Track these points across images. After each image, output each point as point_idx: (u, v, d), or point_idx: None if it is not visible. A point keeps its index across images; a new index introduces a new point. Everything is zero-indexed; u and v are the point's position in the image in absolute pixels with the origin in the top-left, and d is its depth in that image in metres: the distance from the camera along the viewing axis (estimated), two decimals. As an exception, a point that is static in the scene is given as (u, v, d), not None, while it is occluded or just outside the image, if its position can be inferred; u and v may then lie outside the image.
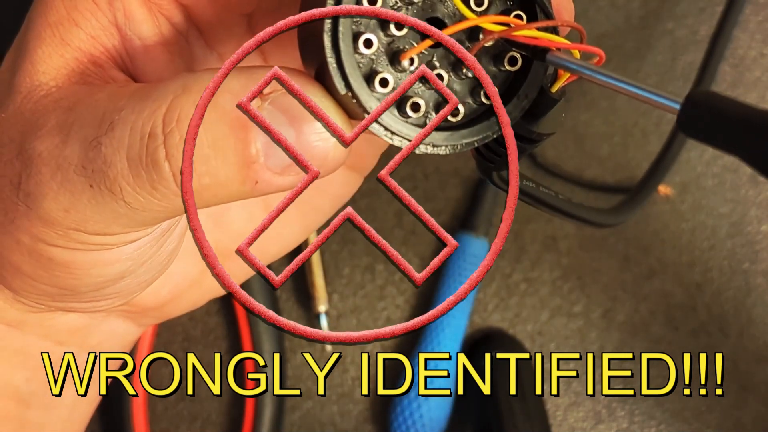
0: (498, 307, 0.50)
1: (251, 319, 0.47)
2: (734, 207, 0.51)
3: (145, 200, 0.24)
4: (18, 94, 0.26)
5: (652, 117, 0.52)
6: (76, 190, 0.24)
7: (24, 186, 0.25)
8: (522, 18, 0.23)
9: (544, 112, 0.23)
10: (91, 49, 0.26)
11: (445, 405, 0.47)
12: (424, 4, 0.23)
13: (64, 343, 0.33)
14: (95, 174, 0.24)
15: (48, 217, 0.25)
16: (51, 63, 0.26)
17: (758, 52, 0.52)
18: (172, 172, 0.23)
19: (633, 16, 0.53)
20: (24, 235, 0.26)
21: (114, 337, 0.35)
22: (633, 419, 0.50)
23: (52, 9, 0.26)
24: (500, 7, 0.23)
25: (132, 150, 0.23)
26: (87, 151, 0.24)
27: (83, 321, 0.33)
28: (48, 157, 0.25)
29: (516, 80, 0.23)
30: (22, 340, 0.32)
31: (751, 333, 0.50)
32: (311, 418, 0.49)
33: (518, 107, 0.23)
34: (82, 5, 0.26)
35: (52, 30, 0.26)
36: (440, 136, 0.23)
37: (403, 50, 0.22)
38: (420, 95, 0.23)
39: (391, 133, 0.22)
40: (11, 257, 0.27)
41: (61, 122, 0.25)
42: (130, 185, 0.23)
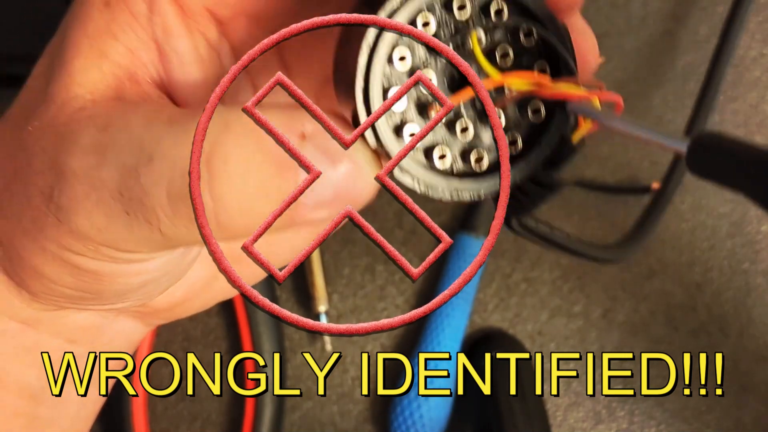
0: (498, 307, 0.50)
1: (251, 319, 0.47)
2: (734, 207, 0.51)
3: (180, 233, 0.24)
4: (53, 104, 0.26)
5: (652, 117, 0.52)
6: (111, 213, 0.25)
7: (56, 199, 0.25)
8: (546, 70, 0.24)
9: (565, 160, 0.24)
10: (128, 63, 0.26)
11: (445, 405, 0.47)
12: (447, 68, 0.24)
13: (76, 341, 0.33)
14: (132, 202, 0.24)
15: (80, 233, 0.25)
16: (88, 75, 0.26)
17: (758, 52, 0.52)
18: (214, 211, 0.23)
19: (633, 16, 0.53)
20: (51, 244, 0.26)
21: (123, 335, 0.36)
22: (633, 419, 0.50)
23: (90, 20, 0.26)
24: (524, 60, 0.24)
25: (173, 185, 0.23)
26: (125, 179, 0.24)
27: (95, 320, 0.33)
28: (83, 176, 0.25)
29: (539, 129, 0.24)
30: (35, 338, 0.32)
31: (751, 333, 0.50)
32: (311, 418, 0.49)
33: (540, 156, 0.24)
34: (121, 18, 0.26)
35: (90, 42, 0.26)
36: (464, 184, 0.24)
37: (431, 103, 0.24)
38: (446, 144, 0.24)
39: (418, 182, 0.24)
40: (34, 261, 0.28)
41: (96, 142, 0.25)
42: (169, 218, 0.24)
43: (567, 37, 0.24)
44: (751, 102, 0.52)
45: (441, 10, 0.23)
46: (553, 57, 0.24)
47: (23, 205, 0.26)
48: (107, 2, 0.26)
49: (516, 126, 0.24)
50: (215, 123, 0.23)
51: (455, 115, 0.24)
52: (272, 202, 0.23)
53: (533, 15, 0.23)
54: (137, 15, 0.26)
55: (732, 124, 0.51)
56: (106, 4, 0.26)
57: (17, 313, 0.31)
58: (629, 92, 0.52)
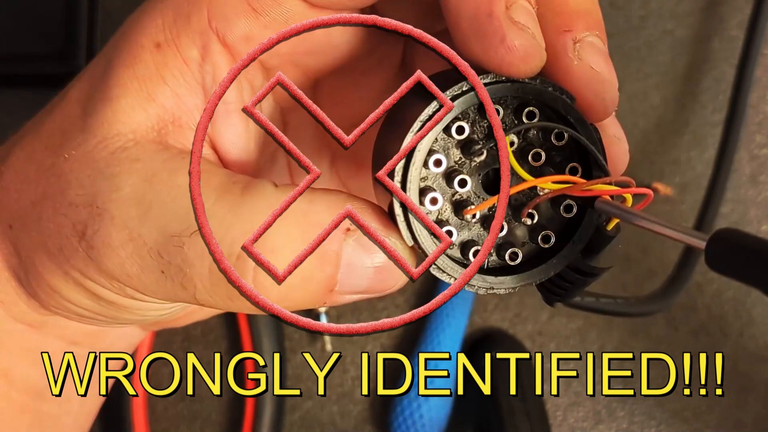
0: (498, 307, 0.50)
1: (251, 319, 0.47)
2: (734, 207, 0.51)
3: (216, 303, 0.25)
4: (93, 137, 0.26)
5: (652, 118, 0.52)
6: (145, 268, 0.25)
7: (89, 238, 0.26)
8: (578, 169, 0.25)
9: (601, 248, 0.25)
10: (174, 108, 0.26)
11: (445, 405, 0.47)
12: (486, 159, 0.24)
13: (79, 344, 0.34)
14: (171, 267, 0.24)
15: (108, 273, 0.26)
16: (133, 116, 0.26)
17: (758, 52, 0.52)
18: (255, 295, 0.24)
19: (633, 16, 0.53)
20: (75, 272, 0.27)
21: (123, 339, 0.37)
22: (633, 419, 0.50)
23: (140, 62, 0.26)
24: (557, 159, 0.25)
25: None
26: (167, 244, 0.24)
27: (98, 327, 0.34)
28: (121, 225, 0.25)
29: (572, 224, 0.25)
30: (40, 340, 0.33)
31: (751, 333, 0.50)
32: (311, 418, 0.49)
33: (573, 251, 0.25)
34: (172, 63, 0.26)
35: (140, 84, 0.26)
36: (498, 279, 0.25)
37: (467, 201, 0.24)
38: (481, 243, 0.25)
39: (455, 279, 0.24)
40: (53, 282, 0.28)
41: (139, 194, 0.25)
42: (206, 290, 0.24)
43: (597, 137, 0.24)
44: (751, 102, 0.52)
45: (475, 113, 0.24)
46: (584, 156, 0.25)
47: (51, 231, 0.27)
48: (158, 44, 0.26)
49: (549, 222, 0.25)
50: (266, 205, 0.23)
51: (490, 214, 0.25)
52: (310, 292, 0.24)
53: (564, 117, 0.24)
54: (188, 61, 0.26)
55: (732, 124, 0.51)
56: (158, 46, 0.26)
57: (23, 317, 0.31)
58: (629, 92, 0.52)
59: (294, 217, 0.23)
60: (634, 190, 0.24)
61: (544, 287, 0.26)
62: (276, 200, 0.24)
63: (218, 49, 0.26)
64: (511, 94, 0.23)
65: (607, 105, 0.25)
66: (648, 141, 0.52)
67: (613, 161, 0.26)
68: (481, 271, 0.25)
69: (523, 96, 0.24)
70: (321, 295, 0.24)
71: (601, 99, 0.24)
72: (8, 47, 0.48)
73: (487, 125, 0.24)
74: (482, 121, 0.24)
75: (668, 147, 0.51)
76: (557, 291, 0.26)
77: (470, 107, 0.23)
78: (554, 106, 0.24)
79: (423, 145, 0.23)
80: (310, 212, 0.24)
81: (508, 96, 0.24)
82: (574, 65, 0.24)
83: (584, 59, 0.24)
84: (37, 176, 0.28)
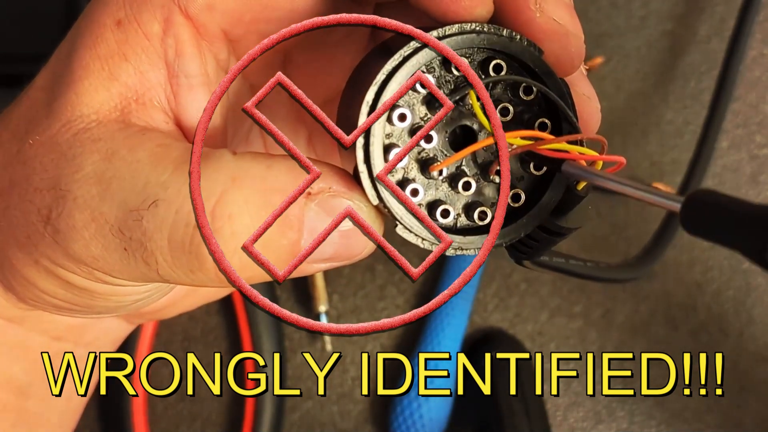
0: (498, 307, 0.50)
1: (251, 319, 0.47)
2: (734, 207, 0.51)
3: (179, 277, 0.24)
4: (57, 121, 0.26)
5: (652, 117, 0.52)
6: (108, 246, 0.25)
7: (54, 222, 0.25)
8: (547, 125, 0.24)
9: (571, 208, 0.24)
10: (137, 85, 0.26)
11: (445, 405, 0.47)
12: (452, 114, 0.24)
13: (61, 339, 0.33)
14: (132, 242, 0.24)
15: (75, 257, 0.26)
16: (96, 96, 0.26)
17: (758, 52, 0.52)
18: (215, 265, 0.23)
19: (633, 16, 0.53)
20: (45, 260, 0.27)
21: (107, 333, 0.36)
22: (633, 419, 0.50)
23: (102, 41, 0.26)
24: (525, 115, 0.24)
25: (175, 233, 0.23)
26: (126, 219, 0.24)
27: (80, 320, 0.33)
28: (83, 205, 0.25)
29: (544, 180, 0.24)
30: (22, 335, 0.32)
31: (751, 333, 0.50)
32: (311, 418, 0.49)
33: (543, 211, 0.24)
34: (133, 39, 0.26)
35: (102, 63, 0.26)
36: (466, 239, 0.24)
37: (434, 159, 0.24)
38: (449, 202, 0.24)
39: (422, 239, 0.24)
40: (26, 272, 0.28)
41: (99, 172, 0.25)
42: (167, 263, 0.24)
43: (567, 92, 0.24)
44: (751, 102, 0.52)
45: (440, 67, 0.23)
46: (555, 113, 0.24)
47: (19, 219, 0.26)
48: (119, 21, 0.26)
49: (519, 180, 0.24)
50: (223, 173, 0.23)
51: (458, 172, 0.24)
52: (277, 260, 0.23)
53: (532, 71, 0.23)
54: (150, 36, 0.26)
55: (732, 124, 0.51)
56: (118, 23, 0.26)
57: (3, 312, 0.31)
58: (629, 92, 0.52)
59: (251, 181, 0.23)
60: (605, 157, 0.23)
61: (512, 246, 0.25)
62: (233, 167, 0.23)
63: (180, 21, 0.26)
64: (476, 46, 0.23)
65: (573, 58, 0.24)
66: (648, 141, 0.52)
67: (585, 120, 0.26)
68: (449, 231, 0.24)
69: (489, 48, 0.23)
70: (284, 263, 0.24)
71: (567, 52, 0.24)
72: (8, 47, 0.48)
73: (453, 79, 0.23)
74: (448, 75, 0.23)
75: (668, 147, 0.52)
76: (524, 250, 0.25)
77: (434, 60, 0.23)
78: (522, 58, 0.23)
79: (386, 99, 0.22)
80: (269, 177, 0.23)
81: (474, 48, 0.23)
82: (537, 18, 0.24)
83: (546, 12, 0.24)
84: (3, 165, 0.27)
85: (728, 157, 0.52)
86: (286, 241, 0.23)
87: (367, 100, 0.22)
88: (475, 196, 0.24)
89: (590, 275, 0.39)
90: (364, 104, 0.22)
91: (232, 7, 0.26)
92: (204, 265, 0.24)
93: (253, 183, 0.23)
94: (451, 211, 0.24)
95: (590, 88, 0.26)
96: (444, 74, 0.23)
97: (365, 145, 0.23)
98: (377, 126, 0.22)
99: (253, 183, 0.23)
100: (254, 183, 0.23)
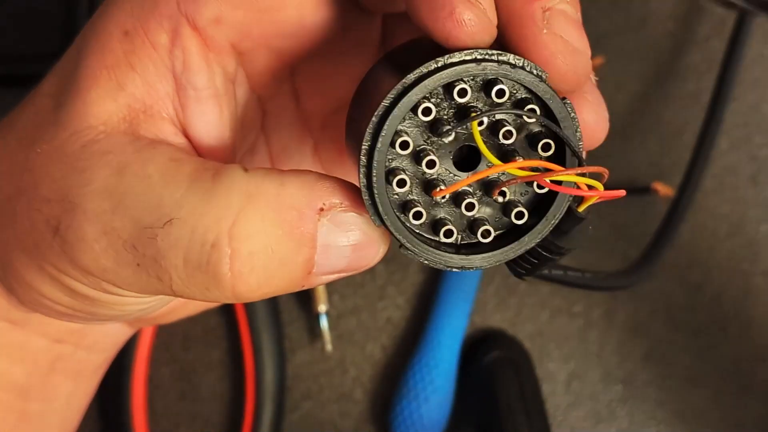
0: (498, 307, 0.50)
1: (251, 319, 0.47)
2: (734, 207, 0.51)
3: (193, 294, 0.24)
4: (64, 130, 0.26)
5: (651, 117, 0.52)
6: (120, 261, 0.25)
7: (63, 233, 0.25)
8: (551, 145, 0.24)
9: (571, 228, 0.25)
10: (144, 97, 0.26)
11: (445, 405, 0.47)
12: (454, 142, 0.24)
13: (62, 341, 0.33)
14: (146, 259, 0.24)
15: (83, 268, 0.26)
16: (103, 107, 0.26)
17: (758, 52, 0.52)
18: (232, 284, 0.23)
19: (633, 16, 0.53)
20: (51, 268, 0.26)
21: (108, 337, 0.36)
22: (633, 419, 0.50)
23: (109, 51, 0.26)
24: (529, 135, 0.24)
25: (191, 253, 0.23)
26: (140, 236, 0.24)
27: (79, 323, 0.33)
28: (94, 219, 0.25)
29: (544, 199, 0.25)
30: (23, 338, 0.32)
31: (751, 333, 0.50)
32: (311, 418, 0.49)
33: (544, 230, 0.24)
34: (141, 50, 0.26)
35: (109, 73, 0.26)
36: (470, 258, 0.24)
37: (437, 179, 0.24)
38: (453, 221, 0.24)
39: (425, 258, 0.24)
40: (30, 278, 0.28)
41: (110, 186, 0.24)
42: (182, 281, 0.24)
43: (571, 116, 0.24)
44: (751, 102, 0.52)
45: (443, 93, 0.23)
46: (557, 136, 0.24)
47: (25, 226, 0.26)
48: (126, 31, 0.26)
49: (522, 196, 0.25)
50: (237, 191, 0.23)
51: (461, 192, 0.24)
52: (288, 277, 0.24)
53: (535, 94, 0.23)
54: (157, 46, 0.26)
55: (732, 124, 0.51)
56: (126, 33, 0.26)
57: (5, 314, 0.31)
58: (629, 92, 0.52)
59: (266, 200, 0.23)
60: (606, 194, 0.23)
61: (511, 261, 0.26)
62: (247, 185, 0.23)
63: (188, 33, 0.26)
64: (477, 75, 0.23)
65: (580, 76, 0.24)
66: (648, 141, 0.52)
67: (591, 130, 0.26)
68: (453, 249, 0.24)
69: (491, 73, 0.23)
70: (299, 279, 0.24)
71: (573, 70, 0.24)
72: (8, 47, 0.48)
73: (455, 105, 0.23)
74: (449, 100, 0.23)
75: (669, 147, 0.52)
76: (524, 266, 0.26)
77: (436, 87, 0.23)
78: (524, 84, 0.23)
79: (387, 129, 0.23)
80: (282, 194, 0.23)
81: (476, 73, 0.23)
82: (543, 35, 0.23)
83: (553, 28, 0.23)
84: (10, 172, 0.27)
85: (728, 157, 0.52)
86: (301, 258, 0.24)
87: (369, 130, 0.23)
88: (479, 214, 0.25)
89: (589, 285, 0.40)
90: (366, 134, 0.23)
91: (241, 21, 0.26)
92: (221, 283, 0.24)
93: (268, 201, 0.23)
94: (454, 231, 0.24)
95: (598, 97, 0.26)
96: (446, 99, 0.23)
97: (367, 172, 0.23)
98: (379, 152, 0.23)
99: (267, 201, 0.23)
100: (269, 201, 0.23)
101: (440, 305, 0.48)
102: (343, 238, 0.24)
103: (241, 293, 0.24)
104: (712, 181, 0.51)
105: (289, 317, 0.49)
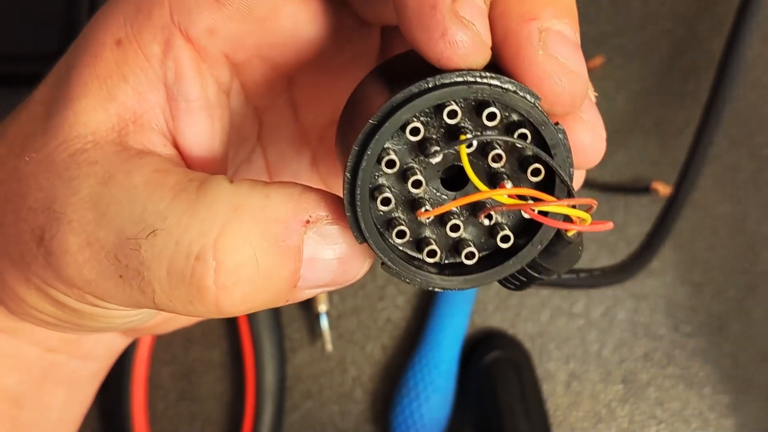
0: (498, 307, 0.50)
1: (251, 319, 0.47)
2: (734, 207, 0.51)
3: (175, 307, 0.24)
4: (53, 139, 0.25)
5: (652, 116, 0.52)
6: (103, 272, 0.24)
7: (47, 244, 0.25)
8: (540, 171, 0.23)
9: (559, 252, 0.24)
10: (135, 107, 0.25)
11: (445, 405, 0.47)
12: (442, 161, 0.23)
13: (55, 351, 0.33)
14: (129, 270, 0.24)
15: (67, 280, 0.25)
16: (93, 116, 0.25)
17: (758, 52, 0.52)
18: (216, 297, 0.23)
19: (633, 16, 0.53)
20: (36, 279, 0.26)
21: (102, 346, 0.36)
22: (633, 419, 0.50)
23: (101, 60, 0.26)
24: (519, 159, 0.24)
25: (175, 265, 0.23)
26: (123, 247, 0.24)
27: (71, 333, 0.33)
28: (78, 229, 0.24)
29: (532, 222, 0.24)
30: (14, 346, 0.32)
31: (751, 333, 0.50)
32: (311, 418, 0.49)
33: (532, 252, 0.24)
34: (133, 60, 0.25)
35: (100, 82, 0.25)
36: (451, 278, 0.24)
37: (422, 198, 0.24)
38: (436, 241, 0.24)
39: (407, 278, 0.24)
40: (17, 288, 0.27)
41: (95, 196, 0.24)
42: (165, 293, 0.24)
43: (563, 143, 0.23)
44: (751, 102, 0.52)
45: (431, 113, 0.23)
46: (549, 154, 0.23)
47: (12, 236, 0.26)
48: (119, 41, 0.25)
49: (508, 219, 0.24)
50: (222, 203, 0.23)
51: (446, 214, 0.24)
52: (273, 290, 0.24)
53: (528, 120, 0.23)
54: (150, 57, 0.25)
55: (732, 124, 0.51)
56: (118, 43, 0.25)
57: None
58: (629, 92, 0.52)
59: (251, 212, 0.23)
60: (591, 227, 0.23)
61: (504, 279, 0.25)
62: (232, 196, 0.23)
63: (180, 44, 0.25)
64: (468, 98, 0.22)
65: (575, 98, 0.23)
66: (648, 141, 0.52)
67: (585, 153, 0.25)
68: (435, 270, 0.24)
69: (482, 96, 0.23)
70: (284, 293, 0.24)
71: (567, 92, 0.23)
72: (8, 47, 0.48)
73: (444, 126, 0.23)
74: (437, 120, 0.23)
75: (669, 147, 0.52)
76: (512, 284, 0.25)
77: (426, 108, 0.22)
78: (515, 108, 0.23)
79: (373, 148, 0.22)
80: (268, 207, 0.23)
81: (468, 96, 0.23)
82: (539, 56, 0.23)
83: (549, 49, 0.23)
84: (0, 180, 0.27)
85: (728, 157, 0.52)
86: (286, 271, 0.23)
87: (355, 146, 0.22)
88: (464, 235, 0.24)
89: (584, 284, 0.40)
90: (351, 152, 0.22)
91: (235, 32, 0.26)
92: (204, 297, 0.23)
93: (254, 214, 0.23)
94: (437, 251, 0.24)
95: (596, 116, 0.26)
96: (436, 120, 0.23)
97: (351, 189, 0.23)
98: (364, 171, 0.22)
99: (253, 214, 0.23)
100: (254, 214, 0.23)
101: (440, 305, 0.48)
102: (329, 251, 0.24)
103: (224, 307, 0.23)
104: (712, 180, 0.51)
105: (289, 317, 0.49)
